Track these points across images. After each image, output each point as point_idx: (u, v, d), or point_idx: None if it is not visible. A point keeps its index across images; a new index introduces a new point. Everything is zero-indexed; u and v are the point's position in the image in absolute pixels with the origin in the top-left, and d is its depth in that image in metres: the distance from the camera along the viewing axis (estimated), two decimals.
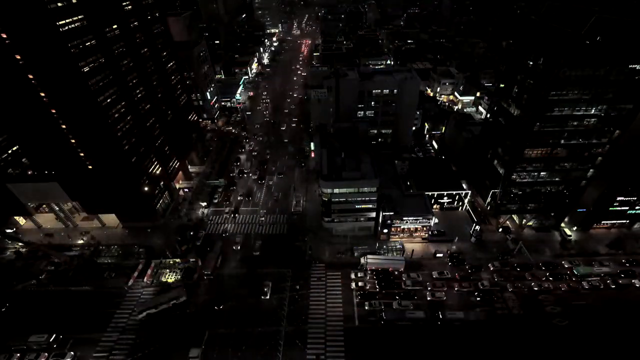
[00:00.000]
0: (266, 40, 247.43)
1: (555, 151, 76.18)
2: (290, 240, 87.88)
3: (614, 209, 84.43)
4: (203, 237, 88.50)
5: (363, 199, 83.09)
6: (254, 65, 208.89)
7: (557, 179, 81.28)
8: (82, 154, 76.57)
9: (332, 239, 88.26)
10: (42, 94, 67.21)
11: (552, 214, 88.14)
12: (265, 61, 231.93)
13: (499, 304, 71.46)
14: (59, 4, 61.10)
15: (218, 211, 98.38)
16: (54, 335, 66.38)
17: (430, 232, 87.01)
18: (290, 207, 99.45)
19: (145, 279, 77.46)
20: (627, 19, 60.18)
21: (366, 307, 71.07)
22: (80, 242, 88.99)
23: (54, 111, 69.81)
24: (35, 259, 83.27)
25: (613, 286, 74.70)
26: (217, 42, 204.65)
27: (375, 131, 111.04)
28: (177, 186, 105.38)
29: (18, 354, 64.05)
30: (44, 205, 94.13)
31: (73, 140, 74.27)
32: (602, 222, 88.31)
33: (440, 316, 68.86)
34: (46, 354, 63.69)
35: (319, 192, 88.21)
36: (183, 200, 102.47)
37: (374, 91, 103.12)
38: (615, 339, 64.42)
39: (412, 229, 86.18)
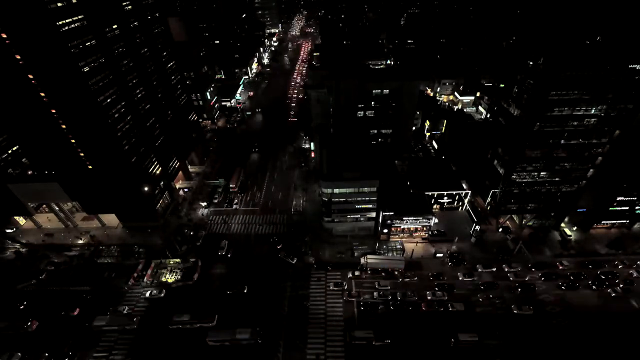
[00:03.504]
0: (266, 40, 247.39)
1: (555, 151, 76.23)
2: (290, 240, 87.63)
3: (614, 209, 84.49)
4: (203, 237, 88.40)
5: (363, 199, 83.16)
6: (254, 65, 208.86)
7: (557, 179, 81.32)
8: (82, 154, 76.56)
9: (332, 239, 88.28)
10: (42, 94, 67.17)
11: (552, 214, 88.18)
12: (265, 61, 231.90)
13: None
14: (59, 4, 61.08)
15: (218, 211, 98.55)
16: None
17: (430, 232, 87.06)
18: (290, 207, 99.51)
19: (145, 279, 77.53)
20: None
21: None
22: (81, 242, 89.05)
23: (54, 111, 69.79)
24: (35, 259, 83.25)
25: None
26: (217, 42, 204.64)
27: (375, 131, 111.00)
28: (177, 186, 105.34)
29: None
30: (44, 205, 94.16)
31: (73, 140, 74.26)
32: (602, 222, 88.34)
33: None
34: None
35: (319, 192, 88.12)
36: (183, 200, 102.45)
37: (374, 91, 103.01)
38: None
39: (412, 229, 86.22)
